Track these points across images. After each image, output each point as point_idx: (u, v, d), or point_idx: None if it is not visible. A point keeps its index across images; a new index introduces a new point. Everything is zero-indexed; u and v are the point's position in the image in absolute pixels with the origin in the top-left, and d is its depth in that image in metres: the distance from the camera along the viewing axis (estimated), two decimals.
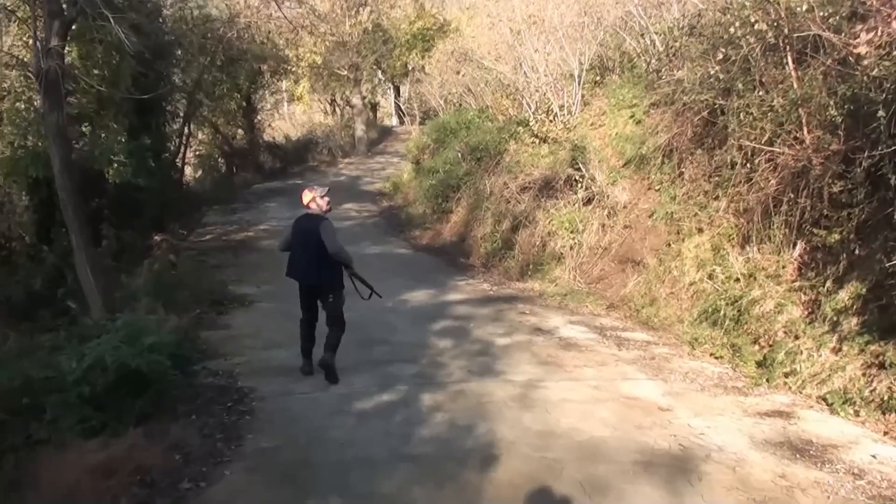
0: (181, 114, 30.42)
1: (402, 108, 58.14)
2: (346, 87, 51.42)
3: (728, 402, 10.53)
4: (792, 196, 12.97)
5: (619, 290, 16.53)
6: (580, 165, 18.52)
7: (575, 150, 18.95)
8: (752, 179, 14.06)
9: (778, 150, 13.20)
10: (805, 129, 12.65)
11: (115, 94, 18.81)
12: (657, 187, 17.11)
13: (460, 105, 33.75)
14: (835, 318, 11.30)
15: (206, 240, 24.94)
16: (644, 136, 18.47)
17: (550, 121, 21.96)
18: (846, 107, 11.68)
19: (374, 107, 62.07)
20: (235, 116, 41.02)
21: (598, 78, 22.86)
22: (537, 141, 22.51)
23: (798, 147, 12.84)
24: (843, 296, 11.41)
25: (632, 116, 19.58)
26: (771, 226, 13.38)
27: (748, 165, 14.06)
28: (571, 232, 18.77)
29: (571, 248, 18.70)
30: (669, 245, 15.81)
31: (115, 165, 20.20)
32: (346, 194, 33.88)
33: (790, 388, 11.01)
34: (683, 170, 16.42)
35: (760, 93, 13.57)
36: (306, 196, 11.76)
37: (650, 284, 15.69)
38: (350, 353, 12.20)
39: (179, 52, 28.44)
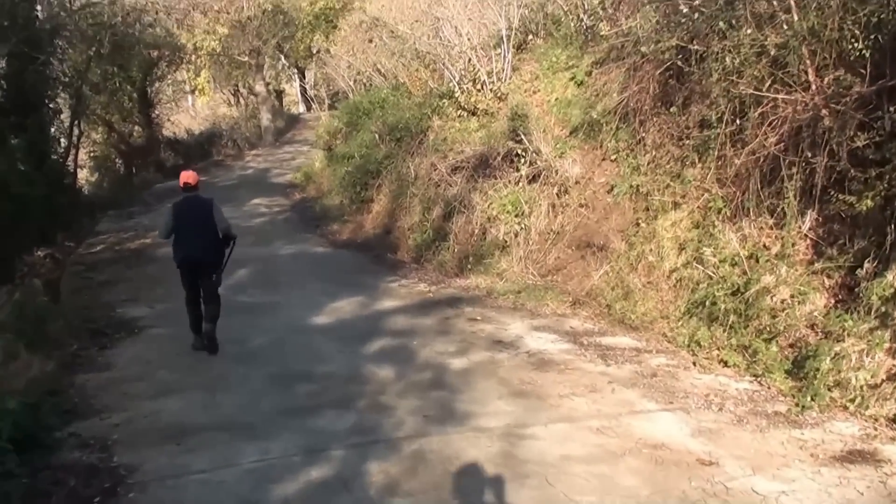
0: (67, 111, 27.40)
1: (309, 93, 55.94)
2: (249, 75, 49.71)
3: (784, 442, 7.94)
4: (797, 155, 10.69)
5: (582, 282, 14.24)
6: (521, 137, 16.09)
7: (514, 118, 16.56)
8: (739, 139, 11.77)
9: (781, 97, 10.67)
10: (811, 71, 10.28)
11: None
12: (613, 157, 15.08)
13: (370, 85, 31.75)
14: (883, 308, 8.87)
15: (98, 251, 21.94)
16: (590, 99, 16.51)
17: (478, 90, 19.70)
18: (871, 38, 9.31)
19: (279, 94, 60.67)
20: (131, 112, 38.90)
21: (521, 42, 20.68)
22: (465, 114, 20.21)
23: (803, 94, 10.45)
24: (892, 279, 8.86)
25: (572, 79, 17.50)
26: (770, 194, 11.08)
27: (736, 122, 11.72)
28: (516, 215, 16.44)
29: (517, 234, 16.37)
30: (639, 225, 13.69)
31: None
32: (254, 189, 31.65)
33: (846, 408, 8.58)
34: (645, 134, 14.39)
35: (749, 31, 10.97)
36: (192, 177, 12.05)
37: (620, 273, 13.45)
38: (262, 396, 9.85)
39: (59, 41, 25.44)
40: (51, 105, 25.34)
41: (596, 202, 14.97)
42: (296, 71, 61.20)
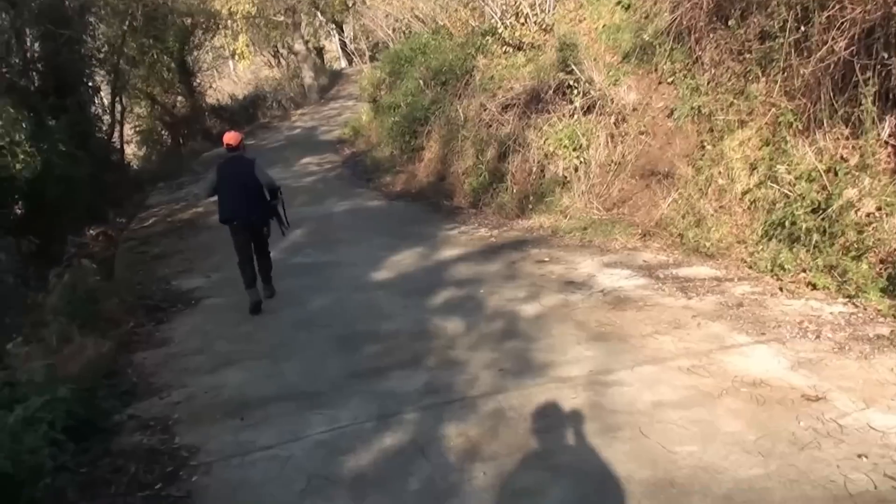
0: (108, 88, 27.13)
1: (349, 47, 55.19)
2: (287, 35, 49.38)
3: (893, 368, 7.25)
4: (871, 58, 9.99)
5: (650, 213, 13.58)
6: (572, 67, 15.37)
7: (563, 49, 15.75)
8: (804, 47, 11.07)
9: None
10: None
11: None
12: (670, 79, 14.38)
13: (409, 32, 30.91)
14: None
15: (150, 224, 21.45)
16: (640, 22, 15.77)
17: (522, 24, 18.97)
18: None
19: (319, 52, 59.25)
20: (172, 83, 38.59)
21: None
22: (511, 50, 19.46)
23: None
24: None
25: (618, 3, 16.80)
26: (844, 102, 10.35)
27: (800, 29, 11.03)
28: (574, 149, 15.72)
29: (577, 168, 15.68)
30: (704, 147, 12.97)
31: (21, 158, 16.75)
32: (302, 148, 31.08)
33: None
34: (701, 52, 13.66)
35: None
36: (235, 137, 12.23)
37: (690, 200, 12.72)
38: (327, 361, 9.28)
39: (89, 18, 25.03)
40: (89, 83, 24.95)
41: (656, 128, 14.30)
42: (333, 26, 59.79)
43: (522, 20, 18.91)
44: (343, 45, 59.87)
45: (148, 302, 12.87)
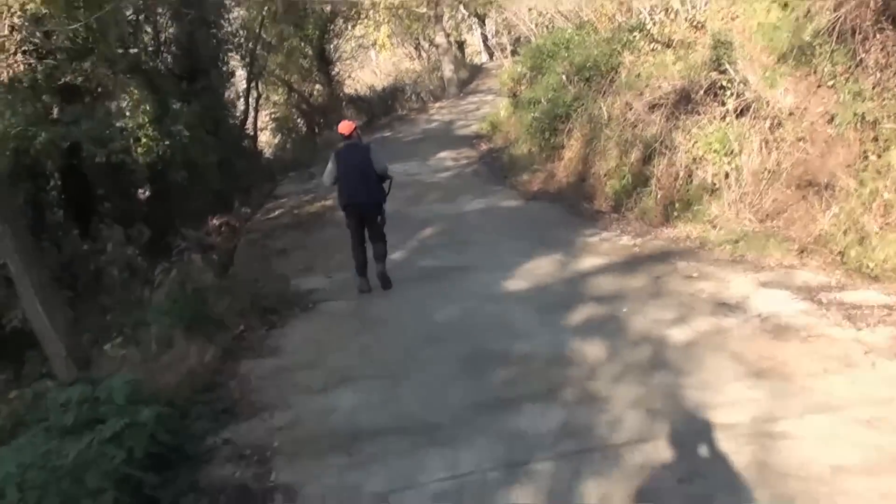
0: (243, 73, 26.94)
1: (490, 41, 54.75)
2: (428, 27, 48.80)
3: None
4: None
5: (807, 227, 12.37)
6: (726, 66, 14.43)
7: (717, 46, 14.83)
8: None
9: None
10: None
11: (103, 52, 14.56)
12: (830, 83, 13.06)
13: (552, 27, 30.07)
14: None
15: (276, 216, 21.04)
16: (798, 20, 14.36)
17: (672, 20, 17.89)
18: None
19: (461, 45, 59.60)
20: (310, 71, 38.61)
21: None
22: (659, 47, 18.28)
23: None
24: None
25: (774, 0, 15.36)
26: None
27: None
28: (725, 154, 14.63)
29: (727, 175, 14.57)
30: (867, 158, 11.80)
31: (144, 142, 16.42)
32: (439, 142, 30.39)
33: None
34: (865, 54, 12.43)
35: None
36: (349, 126, 12.96)
37: (852, 215, 11.50)
38: (450, 385, 8.47)
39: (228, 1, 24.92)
40: (224, 68, 24.71)
41: (815, 135, 13.12)
42: (476, 20, 59.80)
43: (672, 16, 17.86)
44: (484, 39, 60.64)
45: (263, 303, 12.15)
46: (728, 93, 14.55)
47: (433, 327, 10.45)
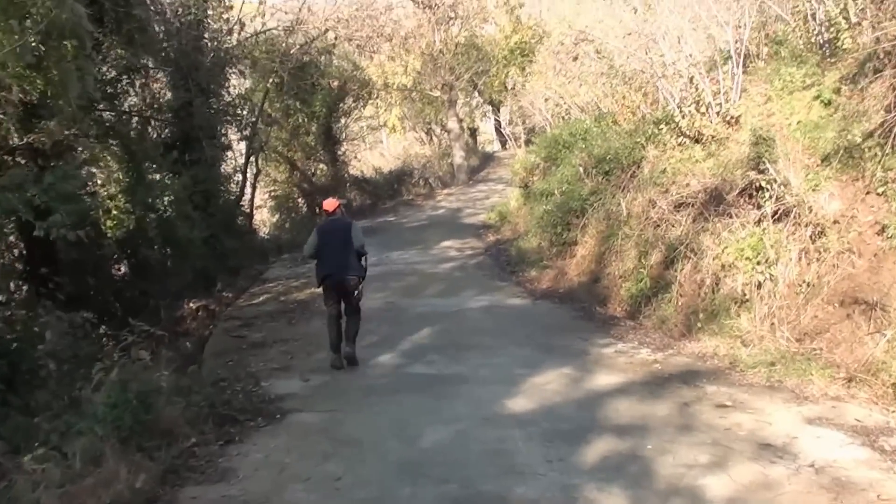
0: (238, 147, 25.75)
1: (504, 130, 53.98)
2: (441, 111, 48.18)
3: None
4: None
5: (853, 351, 10.86)
6: (767, 166, 13.00)
7: (759, 143, 13.40)
8: None
9: None
10: None
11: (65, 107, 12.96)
12: (881, 189, 11.86)
13: (569, 118, 29.56)
14: None
15: (260, 301, 19.50)
16: (842, 120, 13.30)
17: (702, 114, 16.62)
18: None
19: (473, 132, 59.51)
20: (315, 150, 37.38)
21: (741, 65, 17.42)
22: (687, 141, 17.03)
23: None
24: None
25: (817, 97, 14.29)
26: None
27: None
28: (758, 263, 13.15)
29: (759, 285, 13.07)
30: None
31: (114, 215, 15.02)
32: (444, 230, 29.43)
33: None
34: None
35: None
36: (332, 204, 13.70)
37: None
38: None
39: (229, 69, 23.78)
40: (222, 140, 23.44)
41: (863, 247, 11.73)
42: (490, 107, 59.45)
43: (703, 109, 16.60)
44: (497, 127, 60.17)
45: (223, 410, 10.45)
46: (766, 195, 13.17)
47: (417, 455, 8.72)
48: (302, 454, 8.94)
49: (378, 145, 54.49)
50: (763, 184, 13.14)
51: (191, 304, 17.16)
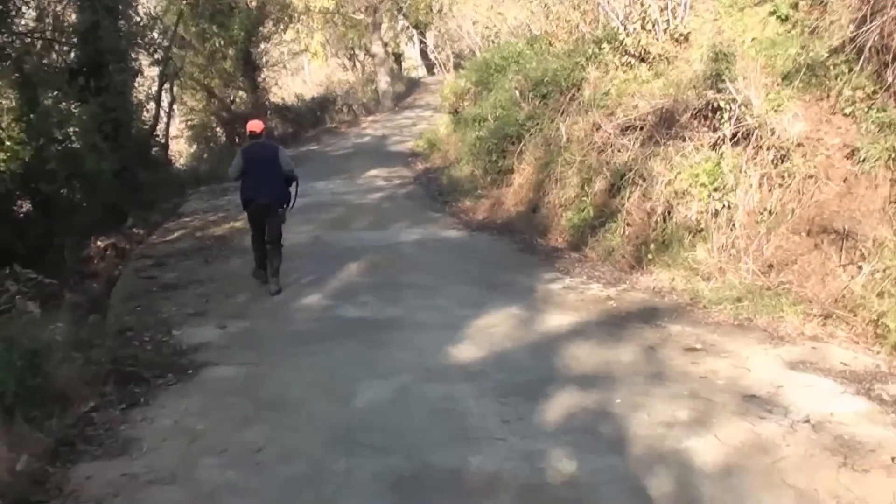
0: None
1: (431, 55, 52.96)
2: (365, 36, 47.40)
3: None
4: None
5: (826, 284, 10.11)
6: (727, 84, 12.02)
7: (718, 59, 12.41)
8: None
9: None
10: None
11: None
12: (848, 109, 11.07)
13: (499, 40, 28.69)
14: None
15: (175, 238, 17.89)
16: (801, 37, 12.53)
17: (648, 31, 15.69)
18: None
19: (398, 58, 58.49)
20: (234, 76, 35.52)
21: None
22: (632, 61, 16.05)
23: None
24: None
25: (773, 13, 13.51)
26: None
27: None
28: (715, 189, 12.23)
29: (717, 213, 12.16)
30: None
31: (7, 146, 13.75)
32: (370, 158, 28.29)
33: None
34: (895, 78, 10.51)
35: None
36: (258, 125, 13.25)
37: (890, 273, 9.24)
38: None
39: None
40: (132, 64, 22.07)
41: (832, 172, 10.90)
42: (415, 31, 57.83)
43: (649, 27, 15.69)
44: (423, 53, 59.51)
45: (128, 367, 8.91)
46: (726, 115, 12.20)
47: (352, 419, 7.48)
48: (217, 419, 7.62)
49: (300, 72, 53.27)
50: (721, 104, 12.20)
51: (98, 243, 15.79)
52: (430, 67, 59.19)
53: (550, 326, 10.11)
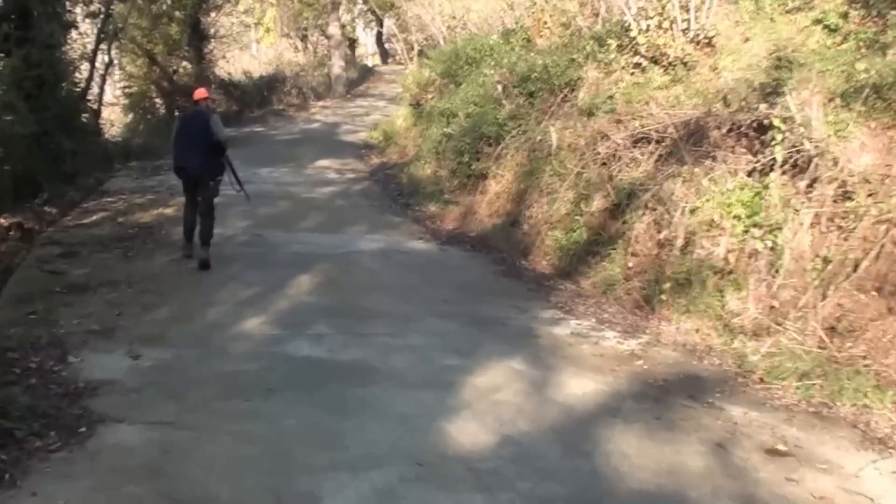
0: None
1: (388, 43, 51.38)
2: (320, 16, 46.15)
3: None
4: None
5: None
6: (788, 99, 10.12)
7: (780, 67, 10.49)
8: None
9: None
10: None
11: None
12: None
13: (467, 32, 26.84)
14: None
15: (92, 221, 15.31)
16: (859, 51, 10.79)
17: (666, 30, 13.91)
18: None
19: (352, 43, 57.09)
20: (179, 44, 33.79)
21: None
22: (644, 63, 14.20)
23: None
24: None
25: (819, 21, 11.88)
26: None
27: None
28: (754, 225, 10.18)
29: (752, 255, 10.10)
30: None
31: None
32: (320, 147, 26.14)
33: None
34: None
35: None
36: (200, 93, 13.00)
37: None
38: None
39: None
40: (65, 16, 20.31)
41: None
42: (373, 17, 56.92)
43: (667, 25, 13.89)
44: (379, 40, 58.59)
45: None
46: (779, 137, 10.06)
47: None
48: None
49: (249, 48, 51.95)
50: (775, 122, 10.05)
51: (1, 220, 13.29)
52: (384, 56, 58.27)
53: (573, 396, 7.68)
